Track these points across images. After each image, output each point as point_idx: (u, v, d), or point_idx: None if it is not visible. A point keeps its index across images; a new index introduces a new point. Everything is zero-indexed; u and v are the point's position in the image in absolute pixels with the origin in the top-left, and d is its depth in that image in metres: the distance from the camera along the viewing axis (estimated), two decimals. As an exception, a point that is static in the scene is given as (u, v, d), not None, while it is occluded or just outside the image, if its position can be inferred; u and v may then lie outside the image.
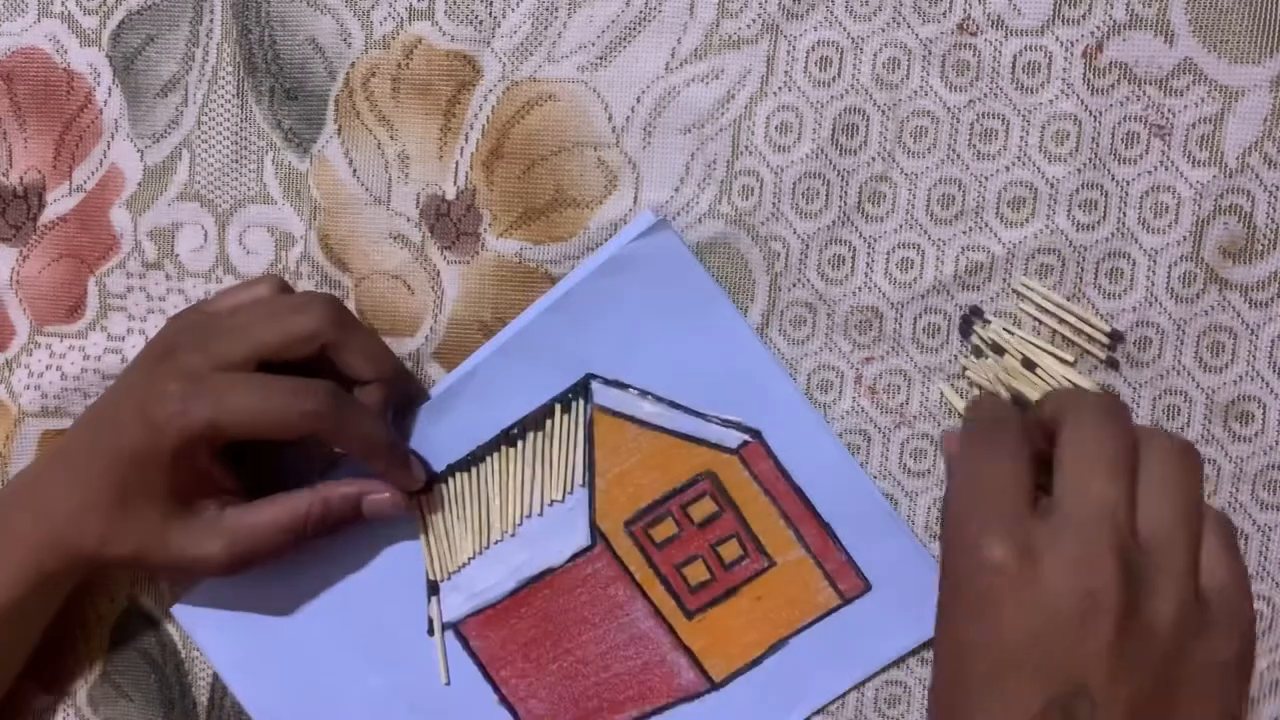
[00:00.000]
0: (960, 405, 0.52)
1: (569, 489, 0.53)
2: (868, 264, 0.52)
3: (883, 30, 0.52)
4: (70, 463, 0.50)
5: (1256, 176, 0.51)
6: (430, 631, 0.55)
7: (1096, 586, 0.38)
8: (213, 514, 0.50)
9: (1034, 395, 0.51)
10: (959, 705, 0.40)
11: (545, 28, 0.53)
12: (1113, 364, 0.51)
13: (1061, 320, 0.51)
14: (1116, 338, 0.51)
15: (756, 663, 0.53)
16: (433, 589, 0.54)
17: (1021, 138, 0.51)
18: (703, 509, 0.53)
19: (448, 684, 0.55)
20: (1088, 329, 0.51)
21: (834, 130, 0.52)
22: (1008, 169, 0.52)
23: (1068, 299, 0.51)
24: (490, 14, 0.53)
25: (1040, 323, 0.52)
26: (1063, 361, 0.51)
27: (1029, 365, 0.51)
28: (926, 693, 0.51)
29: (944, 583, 0.41)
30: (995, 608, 0.39)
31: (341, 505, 0.51)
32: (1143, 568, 0.39)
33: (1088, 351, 0.51)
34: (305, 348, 0.49)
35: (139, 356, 0.51)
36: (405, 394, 0.54)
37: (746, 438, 0.52)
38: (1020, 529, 0.39)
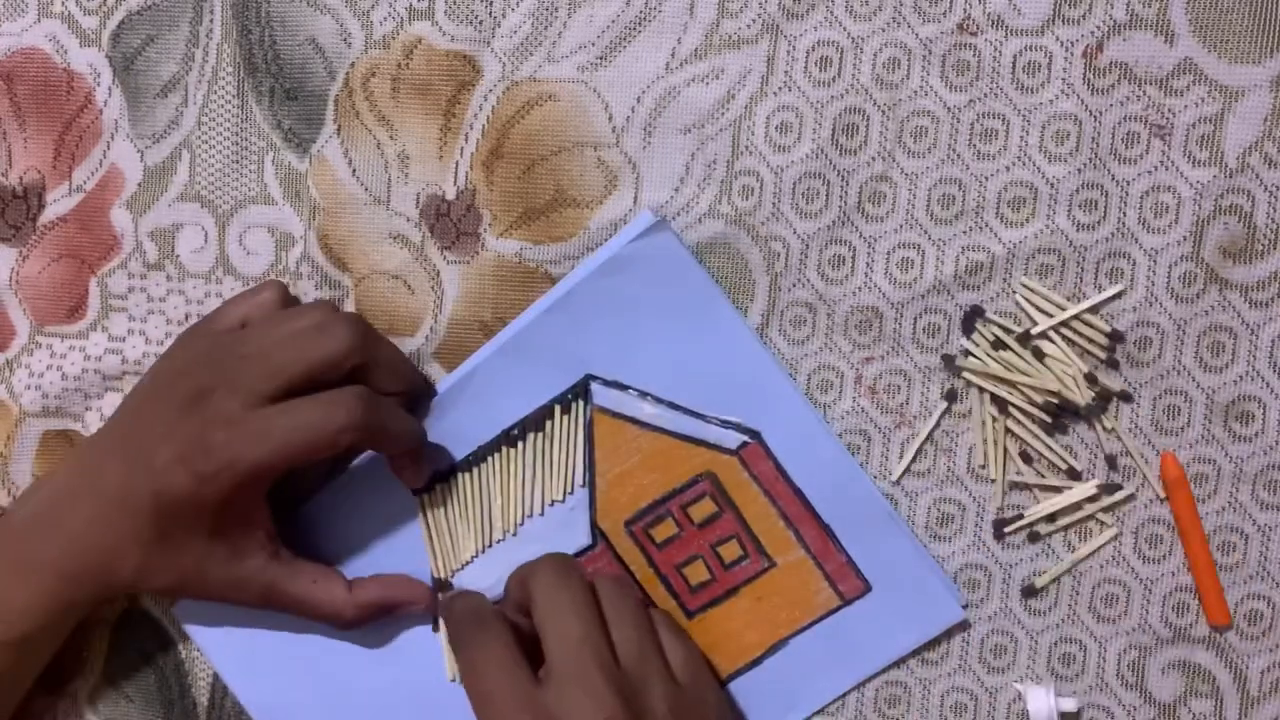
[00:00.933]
0: (994, 469, 0.52)
1: (569, 489, 0.53)
2: (868, 264, 0.52)
3: (883, 30, 0.52)
4: (104, 497, 0.49)
5: (1256, 176, 0.51)
6: (435, 629, 0.55)
7: (606, 714, 0.45)
8: (257, 564, 0.50)
9: (1033, 393, 0.51)
10: None
11: (545, 28, 0.53)
12: (1113, 364, 0.51)
13: (1062, 323, 0.51)
14: (1116, 338, 0.51)
15: (756, 663, 0.53)
16: (437, 587, 0.54)
17: (1021, 138, 0.51)
18: (703, 509, 0.53)
19: (453, 680, 0.55)
20: (1088, 330, 0.51)
21: (834, 130, 0.52)
22: (1008, 169, 0.52)
23: (1067, 299, 0.51)
24: (490, 14, 0.53)
25: (1037, 325, 0.52)
26: (1070, 344, 0.51)
27: (1038, 355, 0.51)
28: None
29: None
30: None
31: (377, 614, 0.53)
32: (632, 683, 0.46)
33: (1087, 352, 0.51)
34: (335, 373, 0.49)
35: (157, 385, 0.51)
36: (422, 396, 0.54)
37: (746, 438, 0.52)
38: (532, 703, 0.45)
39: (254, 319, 0.51)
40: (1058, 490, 0.52)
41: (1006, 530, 0.52)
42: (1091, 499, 0.52)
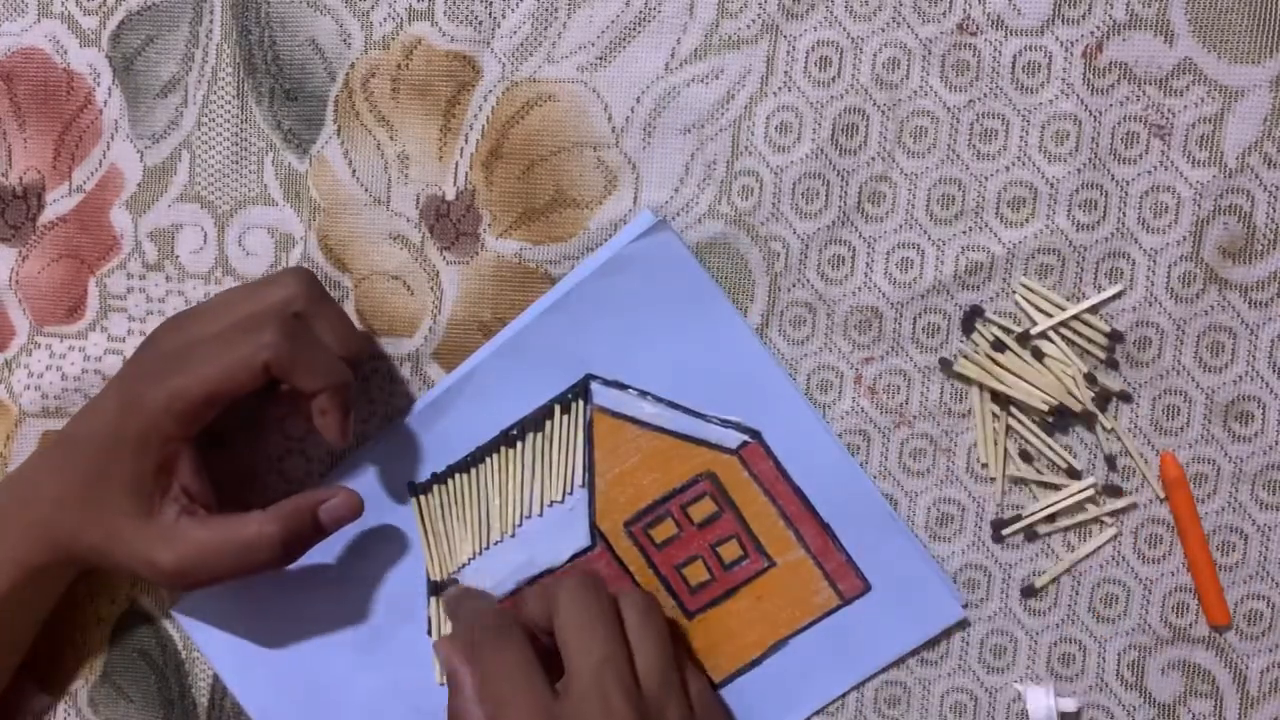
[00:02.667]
0: (994, 467, 0.52)
1: (569, 489, 0.53)
2: (867, 264, 0.52)
3: (883, 30, 0.52)
4: (55, 452, 0.50)
5: (1256, 176, 0.51)
6: (430, 632, 0.55)
7: None
8: (169, 518, 0.49)
9: (1034, 391, 0.51)
10: None
11: (545, 28, 0.53)
12: (1113, 364, 0.51)
13: (1062, 323, 0.51)
14: (1116, 338, 0.51)
15: (756, 663, 0.53)
16: (433, 589, 0.54)
17: (1021, 138, 0.51)
18: (702, 509, 0.53)
19: (442, 684, 0.55)
20: (1087, 330, 0.51)
21: (834, 130, 0.52)
22: (1008, 169, 0.52)
23: (1067, 299, 0.51)
24: (490, 14, 0.53)
25: (1036, 325, 0.52)
26: (1070, 344, 0.51)
27: (1038, 355, 0.51)
28: None
29: None
30: None
31: (296, 523, 0.50)
32: (651, 704, 0.47)
33: (1087, 352, 0.51)
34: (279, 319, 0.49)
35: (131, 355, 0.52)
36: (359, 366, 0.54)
37: (746, 438, 0.52)
38: (549, 717, 0.45)
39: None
40: (1058, 490, 0.52)
41: (1005, 532, 0.52)
42: (1092, 500, 0.52)
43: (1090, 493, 0.51)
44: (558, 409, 0.53)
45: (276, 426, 0.55)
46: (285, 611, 0.55)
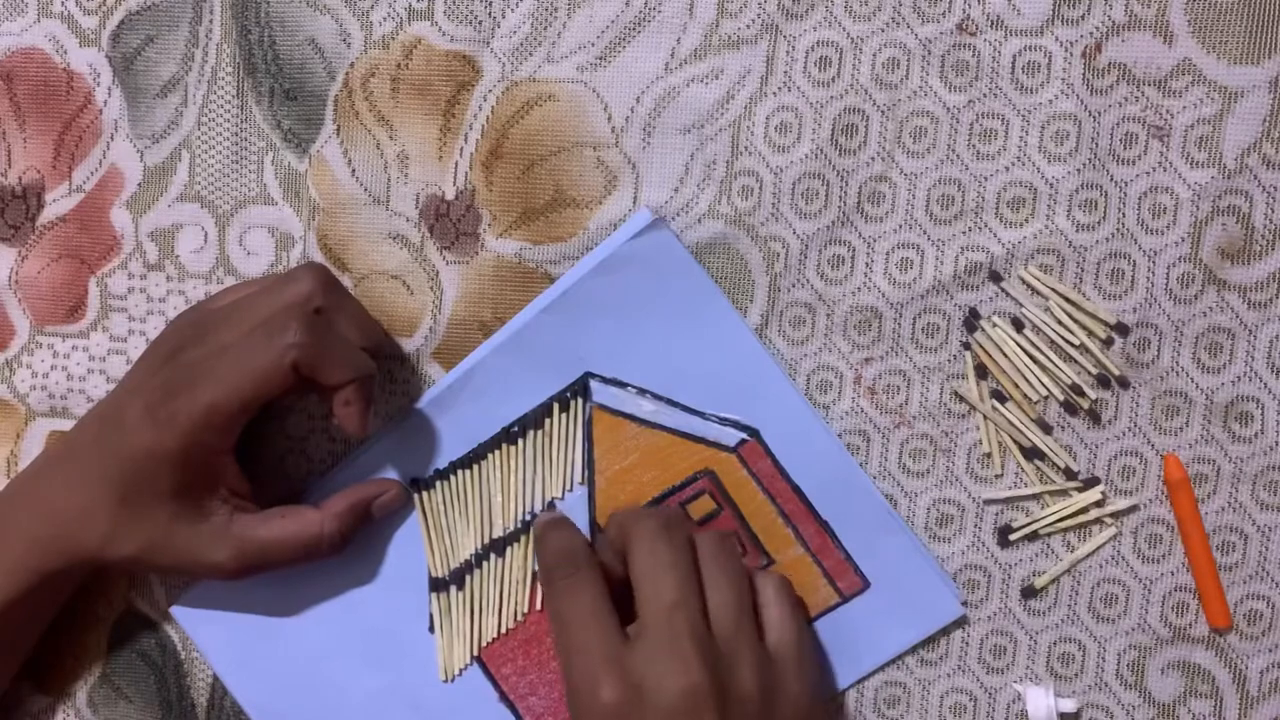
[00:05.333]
0: (998, 463, 0.52)
1: (569, 487, 0.53)
2: (867, 264, 0.53)
3: (882, 30, 0.52)
4: (73, 462, 0.50)
5: (1255, 177, 0.51)
6: (431, 629, 0.54)
7: (692, 682, 0.45)
8: (222, 519, 0.50)
9: (1035, 389, 0.51)
10: None
11: (545, 28, 0.53)
12: (1105, 382, 0.51)
13: (1065, 315, 0.51)
14: (1122, 330, 0.51)
15: (756, 663, 0.53)
16: (435, 586, 0.54)
17: (1021, 138, 0.51)
18: (702, 507, 0.53)
19: (445, 680, 0.55)
20: (1089, 323, 0.51)
21: (833, 130, 0.52)
22: (1007, 169, 0.52)
23: (1066, 299, 0.51)
24: (490, 14, 0.53)
25: (1035, 322, 0.52)
26: (1071, 346, 0.51)
27: (1038, 353, 0.51)
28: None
29: (570, 706, 0.47)
30: None
31: (353, 519, 0.52)
32: (722, 650, 0.46)
33: (1085, 347, 0.51)
34: (300, 317, 0.49)
35: (142, 357, 0.51)
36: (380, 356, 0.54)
37: (745, 436, 0.52)
38: (618, 663, 0.45)
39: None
40: (1058, 490, 0.52)
41: (1012, 537, 0.52)
42: (1097, 504, 0.52)
43: (1098, 497, 0.51)
44: (557, 406, 0.53)
45: (278, 426, 0.55)
46: (285, 610, 0.55)
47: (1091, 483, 0.52)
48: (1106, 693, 0.52)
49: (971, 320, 0.52)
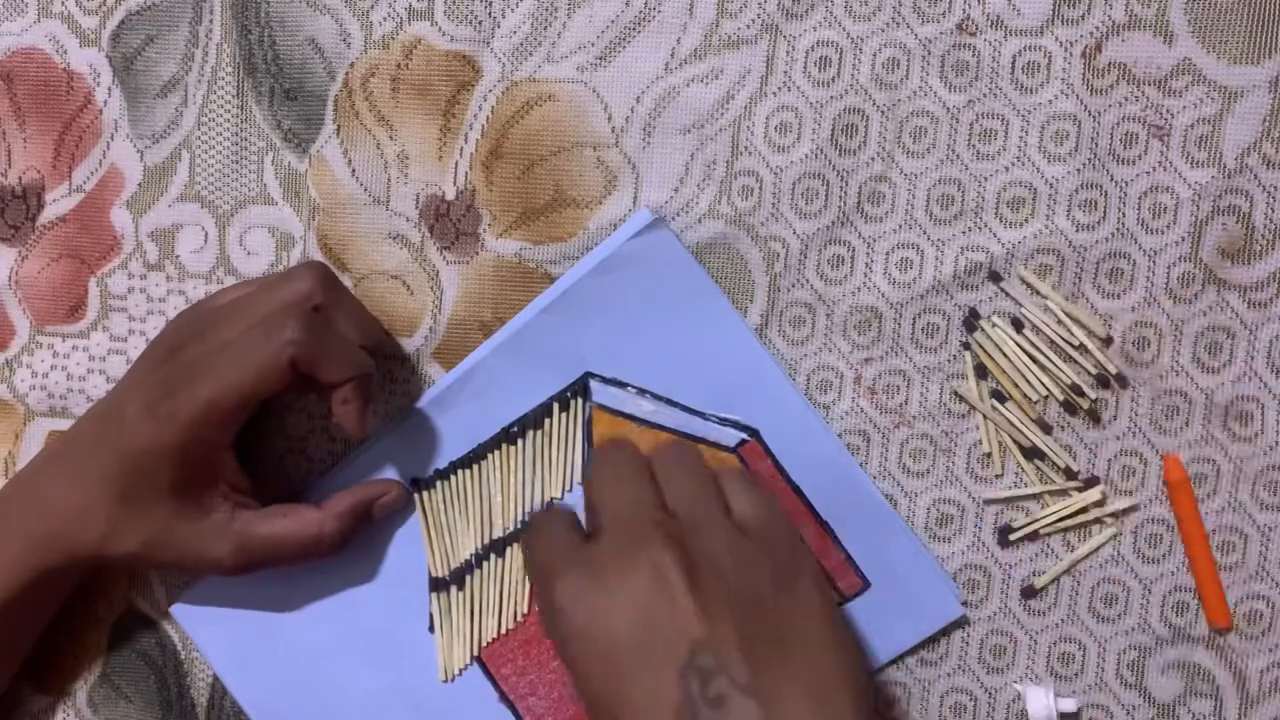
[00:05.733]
0: (998, 462, 0.52)
1: (568, 487, 0.53)
2: (867, 264, 0.52)
3: (882, 30, 0.52)
4: (73, 459, 0.50)
5: (1255, 177, 0.51)
6: (431, 629, 0.54)
7: (655, 559, 0.42)
8: (223, 515, 0.50)
9: (1035, 389, 0.51)
10: (612, 710, 0.42)
11: (545, 28, 0.53)
12: (1104, 381, 0.51)
13: (1065, 315, 0.51)
14: (1108, 343, 0.51)
15: (756, 663, 0.53)
16: (435, 585, 0.54)
17: (1021, 138, 0.51)
18: (702, 507, 0.53)
19: (444, 680, 0.55)
20: (1080, 334, 0.51)
21: (833, 130, 0.52)
22: (1007, 169, 0.52)
23: (1066, 299, 0.51)
24: (490, 14, 0.53)
25: (1035, 322, 0.52)
26: (1071, 346, 0.51)
27: (1038, 353, 0.51)
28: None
29: (545, 623, 0.44)
30: (595, 626, 0.42)
31: (354, 519, 0.52)
32: (683, 527, 0.43)
33: (1085, 346, 0.51)
34: (299, 315, 0.49)
35: (142, 355, 0.51)
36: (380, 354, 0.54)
37: (745, 436, 0.52)
38: (579, 556, 0.43)
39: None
40: (1058, 490, 0.52)
41: (1012, 537, 0.52)
42: (1097, 504, 0.52)
43: (1098, 497, 0.51)
44: (557, 406, 0.53)
45: (278, 425, 0.55)
46: (285, 609, 0.55)
47: (1091, 483, 0.52)
48: (1106, 693, 0.52)
49: (971, 320, 0.52)
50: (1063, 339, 0.51)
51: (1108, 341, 0.51)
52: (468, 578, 0.54)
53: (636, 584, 0.42)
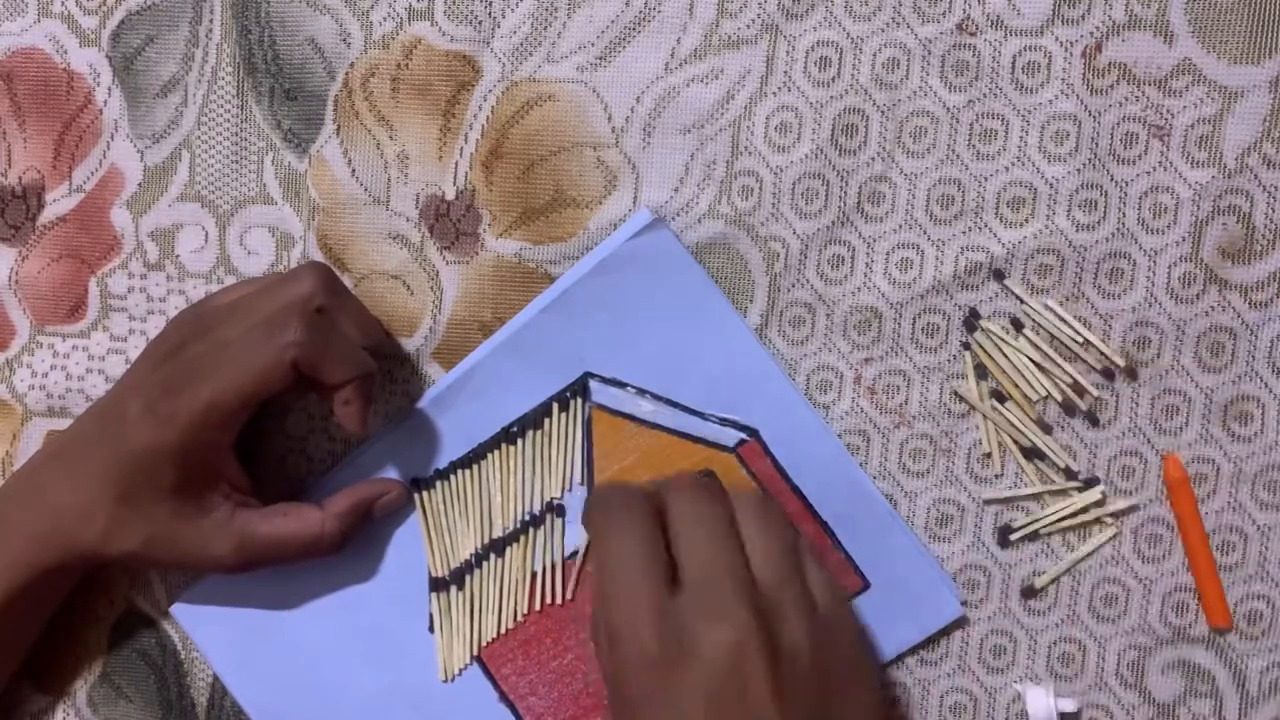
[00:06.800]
0: (998, 463, 0.52)
1: (568, 487, 0.53)
2: (867, 264, 0.52)
3: (882, 30, 0.52)
4: (72, 458, 0.50)
5: (1255, 177, 0.51)
6: (431, 629, 0.55)
7: (739, 637, 0.42)
8: (224, 514, 0.50)
9: (1035, 389, 0.51)
10: None
11: (545, 28, 0.53)
12: (1109, 374, 0.51)
13: (1060, 320, 0.51)
14: (1108, 375, 0.51)
15: (756, 663, 0.53)
16: (435, 585, 0.54)
17: (1021, 138, 0.51)
18: (702, 507, 0.53)
19: (444, 680, 0.55)
20: (1082, 330, 0.51)
21: (833, 130, 0.52)
22: (1007, 169, 0.52)
23: (1066, 299, 0.51)
24: (490, 14, 0.53)
25: (1035, 321, 0.52)
26: (1075, 343, 0.51)
27: (1038, 353, 0.51)
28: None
29: (608, 674, 0.45)
30: (666, 691, 0.42)
31: (355, 519, 0.52)
32: (769, 605, 0.43)
33: (1088, 343, 0.51)
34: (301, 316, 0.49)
35: (142, 354, 0.51)
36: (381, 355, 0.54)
37: (744, 436, 0.52)
38: (664, 613, 0.43)
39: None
40: (1058, 490, 0.52)
41: (1012, 537, 0.52)
42: (1097, 504, 0.52)
43: (1098, 497, 0.51)
44: (556, 406, 0.53)
45: (278, 425, 0.55)
46: (284, 610, 0.55)
47: (1091, 483, 0.52)
48: (1106, 693, 0.52)
49: (971, 320, 0.52)
50: (1066, 336, 0.51)
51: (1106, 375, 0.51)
52: (467, 577, 0.54)
53: (718, 662, 0.42)
